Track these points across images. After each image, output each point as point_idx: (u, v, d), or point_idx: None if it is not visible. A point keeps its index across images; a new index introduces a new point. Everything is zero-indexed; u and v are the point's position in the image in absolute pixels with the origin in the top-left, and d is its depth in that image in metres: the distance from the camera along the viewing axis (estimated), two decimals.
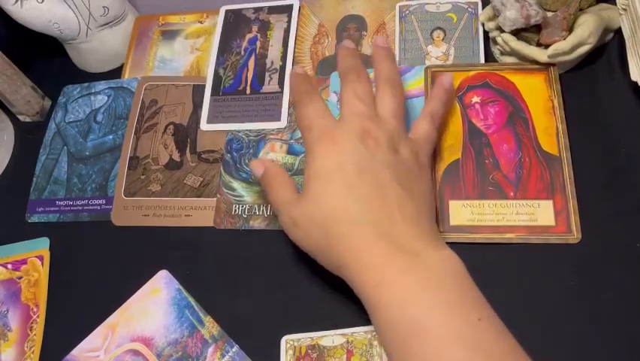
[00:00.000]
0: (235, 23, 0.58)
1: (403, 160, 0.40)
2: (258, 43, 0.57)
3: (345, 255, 0.36)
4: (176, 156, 0.53)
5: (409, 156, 0.40)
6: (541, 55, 0.47)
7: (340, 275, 0.38)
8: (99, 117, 0.56)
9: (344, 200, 0.37)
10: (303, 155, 0.50)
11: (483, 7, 0.52)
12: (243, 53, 0.56)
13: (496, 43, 0.51)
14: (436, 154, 0.47)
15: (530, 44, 0.48)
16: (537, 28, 0.47)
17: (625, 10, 0.47)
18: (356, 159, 0.38)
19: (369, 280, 0.35)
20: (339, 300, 0.42)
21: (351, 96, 0.42)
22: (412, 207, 0.38)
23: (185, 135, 0.53)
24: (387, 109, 0.42)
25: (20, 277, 0.49)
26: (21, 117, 0.59)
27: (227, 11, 0.59)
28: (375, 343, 0.41)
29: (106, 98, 0.57)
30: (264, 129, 0.52)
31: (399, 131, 0.41)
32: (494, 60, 0.52)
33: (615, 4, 0.48)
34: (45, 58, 0.62)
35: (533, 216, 0.44)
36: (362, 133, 0.39)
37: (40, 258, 0.50)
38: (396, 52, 0.53)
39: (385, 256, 0.35)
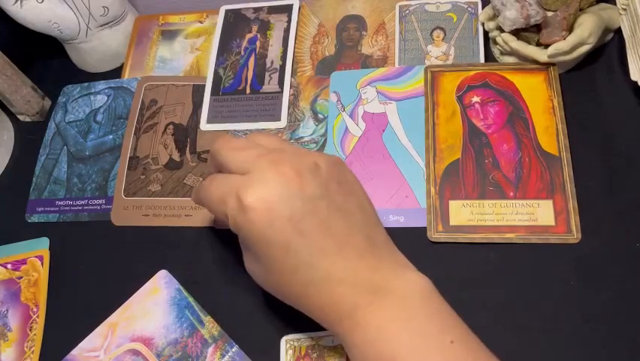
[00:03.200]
0: (235, 23, 0.58)
1: (328, 176, 0.36)
2: (258, 43, 0.57)
3: (309, 310, 0.36)
4: (176, 156, 0.53)
5: (327, 167, 0.36)
6: (541, 55, 0.48)
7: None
8: (99, 117, 0.56)
9: (290, 264, 0.34)
10: None
11: (483, 7, 0.52)
12: (242, 52, 0.56)
13: (496, 43, 0.51)
14: (436, 154, 0.47)
15: (530, 44, 0.48)
16: (537, 28, 0.47)
17: (625, 10, 0.47)
18: (286, 210, 0.34)
19: (340, 326, 0.34)
20: None
21: (230, 154, 0.37)
22: (361, 235, 0.35)
23: (185, 135, 0.53)
24: (274, 141, 0.39)
25: (20, 277, 0.49)
26: (21, 117, 0.59)
27: (227, 11, 0.59)
28: None
29: (106, 98, 0.57)
30: (263, 129, 0.52)
31: (301, 150, 0.38)
32: (494, 60, 0.52)
33: (615, 4, 0.48)
34: (45, 58, 0.62)
35: (533, 216, 0.44)
36: (276, 170, 0.34)
37: (40, 258, 0.50)
38: (396, 52, 0.53)
39: (348, 301, 0.34)
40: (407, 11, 0.55)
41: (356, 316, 0.33)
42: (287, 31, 0.57)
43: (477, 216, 0.44)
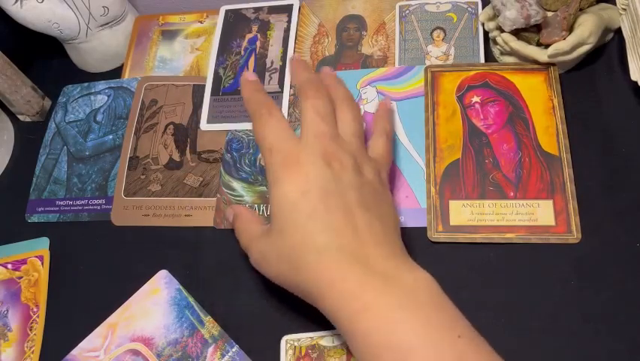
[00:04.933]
0: (235, 23, 0.58)
1: (368, 181, 0.39)
2: (258, 43, 0.57)
3: (316, 286, 0.35)
4: (176, 156, 0.53)
5: (372, 176, 0.40)
6: (541, 55, 0.48)
7: (317, 307, 0.36)
8: (99, 117, 0.56)
9: (310, 229, 0.36)
10: None
11: (483, 7, 0.52)
12: (242, 52, 0.56)
13: (496, 43, 0.51)
14: (436, 154, 0.47)
15: (530, 44, 0.48)
16: (537, 28, 0.47)
17: (625, 10, 0.47)
18: (321, 184, 0.37)
19: (346, 308, 0.34)
20: None
21: (312, 115, 0.40)
22: (380, 228, 0.37)
23: (185, 135, 0.53)
24: (350, 129, 0.41)
25: (20, 277, 0.49)
26: (21, 117, 0.59)
27: (227, 11, 0.59)
28: None
29: (106, 98, 0.57)
30: None
31: (362, 152, 0.41)
32: (494, 60, 0.52)
33: (615, 4, 0.48)
34: (45, 58, 0.62)
35: (533, 216, 0.44)
36: (327, 156, 0.38)
37: (40, 258, 0.50)
38: (396, 52, 0.53)
39: (359, 281, 0.34)
40: (407, 11, 0.55)
41: (364, 298, 0.33)
42: (287, 31, 0.57)
43: (477, 216, 0.44)
